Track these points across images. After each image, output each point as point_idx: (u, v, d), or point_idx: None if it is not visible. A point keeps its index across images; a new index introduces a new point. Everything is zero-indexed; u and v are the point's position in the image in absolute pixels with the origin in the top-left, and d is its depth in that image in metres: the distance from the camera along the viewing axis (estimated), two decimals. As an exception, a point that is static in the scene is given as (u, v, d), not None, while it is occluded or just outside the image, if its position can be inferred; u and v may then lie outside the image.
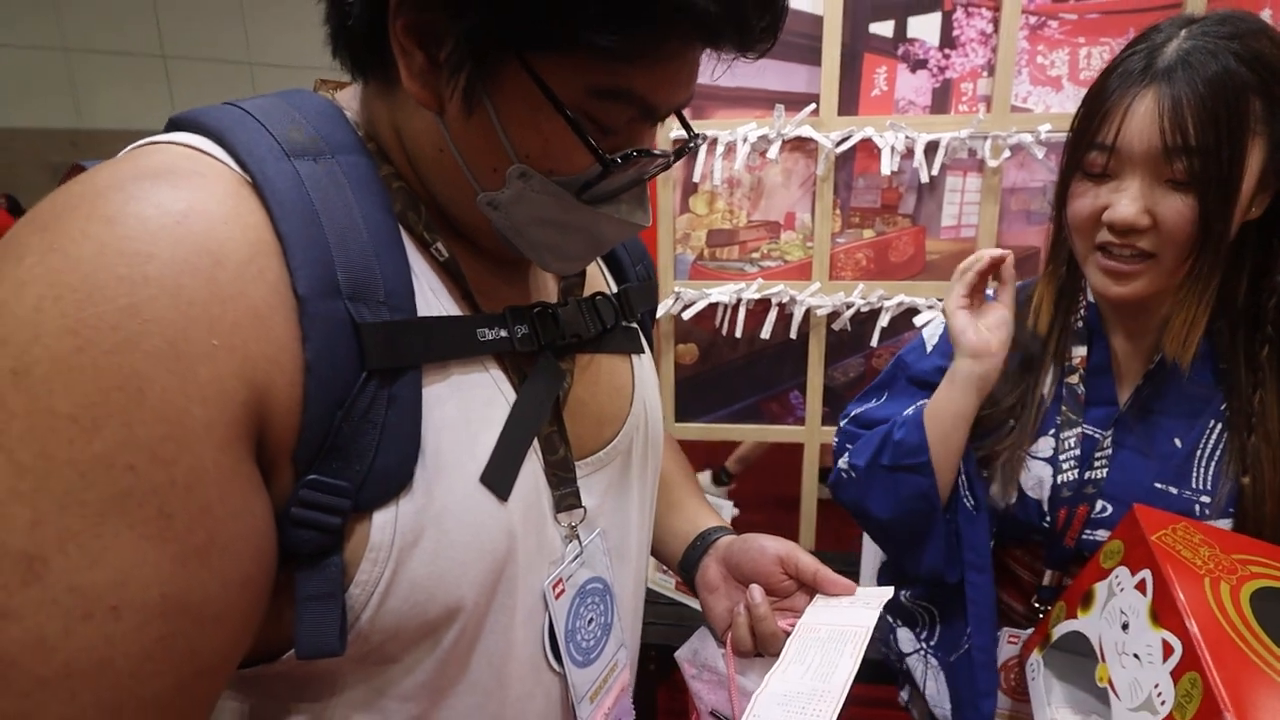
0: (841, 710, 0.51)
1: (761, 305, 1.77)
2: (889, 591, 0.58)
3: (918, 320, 1.72)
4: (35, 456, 0.31)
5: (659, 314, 1.78)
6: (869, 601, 0.57)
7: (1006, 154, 1.60)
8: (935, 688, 0.87)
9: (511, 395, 0.48)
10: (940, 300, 1.70)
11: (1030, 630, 0.79)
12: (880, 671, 1.05)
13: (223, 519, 0.35)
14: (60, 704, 0.32)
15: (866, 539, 1.70)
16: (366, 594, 0.41)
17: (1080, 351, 0.79)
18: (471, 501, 0.44)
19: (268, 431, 0.38)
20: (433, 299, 0.46)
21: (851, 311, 1.74)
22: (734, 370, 1.85)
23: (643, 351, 0.65)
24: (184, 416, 0.34)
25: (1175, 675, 0.56)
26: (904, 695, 0.97)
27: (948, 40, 1.61)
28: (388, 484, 0.40)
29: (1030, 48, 1.58)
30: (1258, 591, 0.61)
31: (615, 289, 0.64)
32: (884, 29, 1.62)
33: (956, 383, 0.75)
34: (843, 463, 0.90)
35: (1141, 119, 0.64)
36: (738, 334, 1.78)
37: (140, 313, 0.33)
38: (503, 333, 0.48)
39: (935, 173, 1.64)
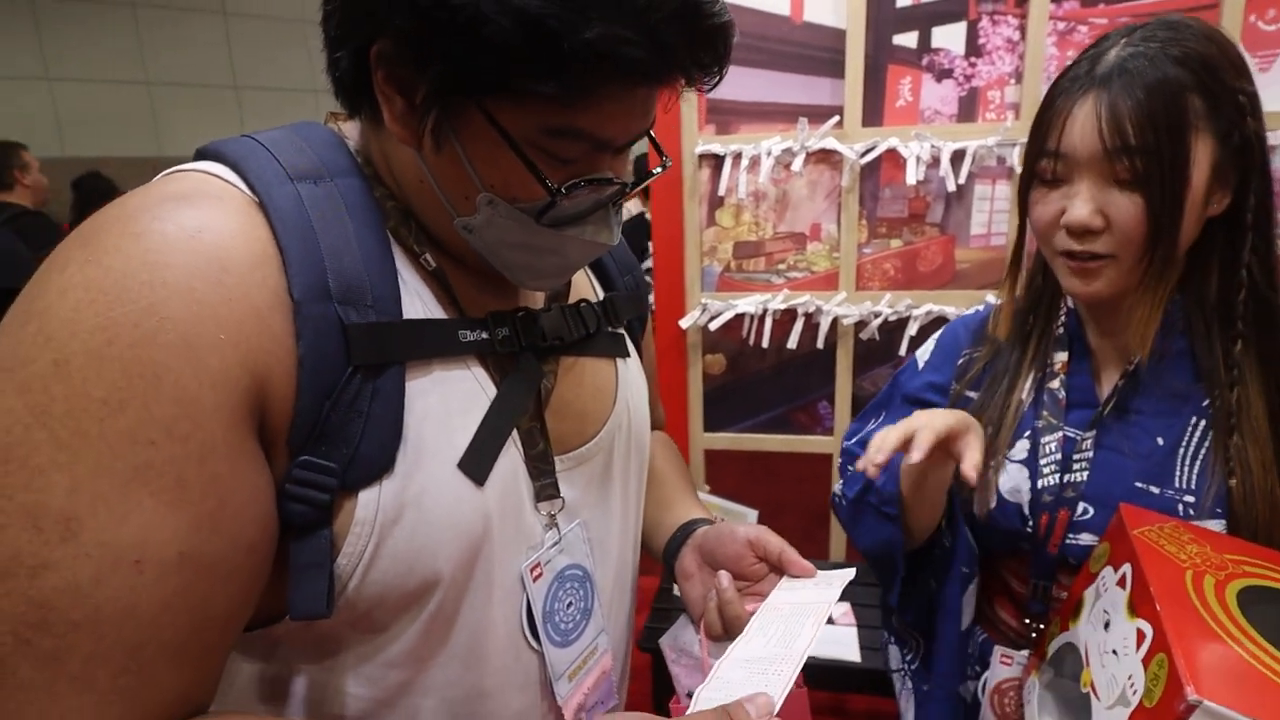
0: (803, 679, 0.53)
1: (788, 315, 1.78)
2: (850, 573, 0.60)
3: (947, 330, 1.70)
4: (72, 433, 0.37)
5: (685, 324, 1.81)
6: (831, 581, 0.59)
7: (1035, 161, 1.58)
8: (906, 709, 0.90)
9: (493, 392, 0.53)
10: (971, 308, 1.68)
11: (1025, 651, 0.78)
12: (880, 683, 1.03)
13: (231, 488, 0.41)
14: (90, 643, 0.37)
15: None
16: (352, 564, 0.46)
17: (1061, 357, 0.79)
18: (449, 485, 0.49)
19: (267, 416, 0.43)
20: (419, 304, 0.51)
21: (879, 321, 1.74)
22: (761, 380, 1.86)
23: (627, 355, 0.69)
24: (196, 399, 0.40)
25: (1145, 661, 0.55)
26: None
27: (973, 49, 1.60)
28: (371, 467, 0.46)
29: (1059, 53, 1.56)
30: (1247, 589, 0.59)
31: (602, 297, 0.68)
32: (908, 40, 1.63)
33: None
34: (837, 488, 0.92)
35: (1082, 124, 0.65)
36: (765, 344, 1.79)
37: (158, 311, 0.39)
38: (484, 334, 0.53)
39: (962, 181, 1.63)
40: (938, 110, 1.65)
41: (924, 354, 0.93)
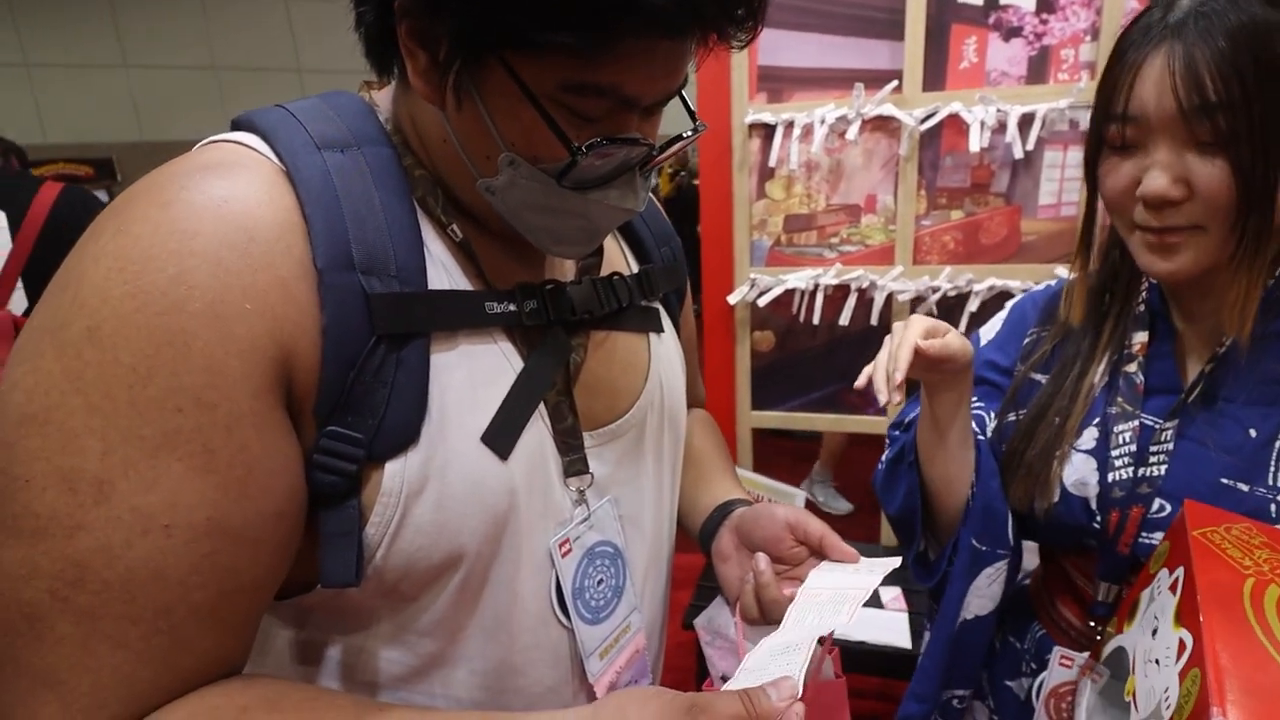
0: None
1: (841, 291, 1.72)
2: (895, 561, 0.56)
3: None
4: (103, 398, 0.38)
5: (734, 300, 1.77)
6: (873, 568, 0.56)
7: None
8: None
9: (519, 365, 0.52)
10: (1039, 283, 1.59)
11: (1087, 654, 0.72)
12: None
13: (258, 456, 0.41)
14: (122, 603, 0.38)
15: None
16: (380, 534, 0.46)
17: (1141, 337, 0.71)
18: (472, 458, 0.48)
19: (293, 386, 0.43)
20: (445, 275, 0.50)
21: (938, 296, 1.66)
22: (812, 358, 1.81)
23: (661, 330, 0.67)
24: (223, 367, 0.40)
25: (1182, 675, 0.50)
26: None
27: (1045, 4, 1.50)
28: (396, 438, 0.45)
29: (1139, 7, 1.45)
30: None
31: (637, 270, 0.66)
32: (973, -3, 1.53)
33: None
34: (882, 459, 0.88)
35: (1155, 81, 0.58)
36: (815, 321, 1.74)
37: (185, 280, 0.39)
38: (511, 307, 0.51)
39: (1031, 148, 1.54)
40: (1005, 72, 1.56)
41: (989, 330, 0.87)
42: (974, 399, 0.82)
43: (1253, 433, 0.65)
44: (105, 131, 7.25)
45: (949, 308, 1.68)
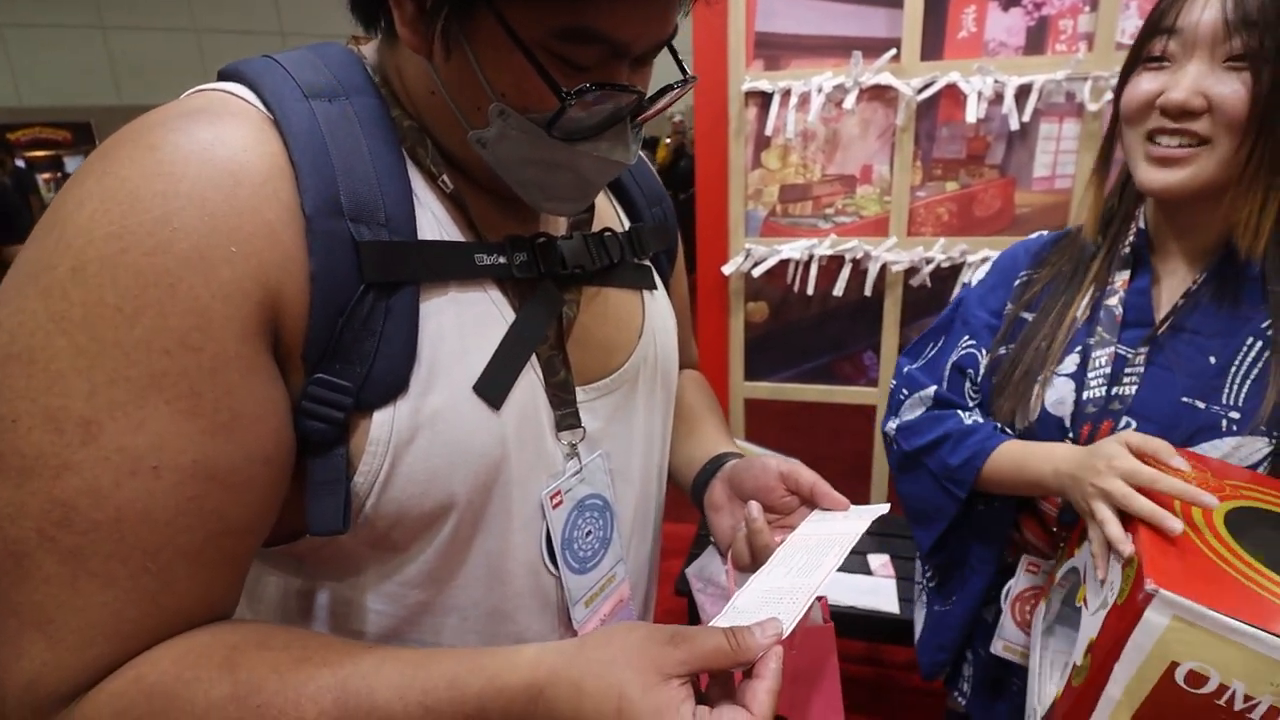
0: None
1: (835, 262, 1.73)
2: (884, 508, 0.58)
3: (1003, 278, 1.63)
4: (89, 339, 0.38)
5: (728, 271, 1.77)
6: (861, 515, 0.57)
7: (1109, 96, 1.48)
8: (918, 621, 0.96)
9: (511, 317, 0.52)
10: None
11: (1051, 561, 0.79)
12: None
13: (244, 400, 0.41)
14: (111, 544, 0.39)
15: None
16: (369, 483, 0.46)
17: (1123, 276, 0.78)
18: (464, 408, 0.48)
19: (281, 332, 0.43)
20: (435, 225, 0.50)
21: (931, 268, 1.67)
22: (806, 329, 1.82)
23: (654, 288, 0.67)
24: (208, 311, 0.40)
25: (1124, 568, 0.58)
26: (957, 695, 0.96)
27: (1045, -27, 1.49)
28: (385, 387, 0.45)
29: (1140, -23, 1.44)
30: (1239, 509, 0.61)
31: (628, 228, 0.66)
32: (973, -36, 1.52)
33: (1056, 472, 0.71)
34: (890, 426, 0.91)
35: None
36: (810, 291, 1.74)
37: (171, 222, 0.39)
38: (501, 259, 0.51)
39: (1027, 119, 1.54)
40: (1003, 42, 1.55)
41: (980, 274, 0.92)
42: (966, 338, 0.87)
43: (1212, 359, 0.72)
44: (83, 95, 7.07)
45: (941, 279, 1.69)
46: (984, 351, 0.85)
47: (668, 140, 6.17)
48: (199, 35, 7.55)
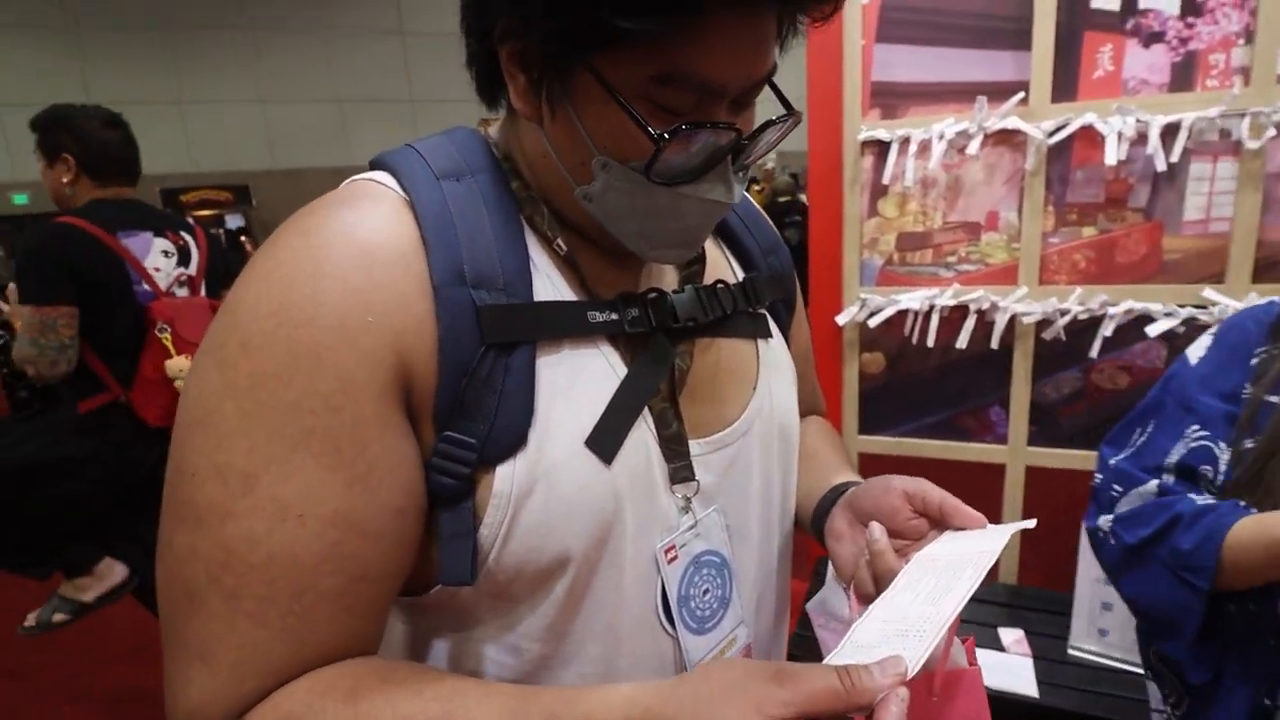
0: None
1: (958, 312, 1.65)
2: (1029, 523, 0.51)
3: (1151, 330, 1.50)
4: (252, 403, 0.43)
5: (843, 321, 1.72)
6: (999, 533, 0.50)
7: (1271, 133, 1.35)
8: None
9: (624, 372, 0.53)
10: (1183, 306, 1.47)
11: None
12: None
13: (379, 455, 0.45)
14: (263, 585, 0.43)
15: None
16: (493, 535, 0.48)
17: None
18: (577, 462, 0.50)
19: (412, 393, 0.47)
20: (550, 287, 0.53)
21: (1067, 319, 1.56)
22: (925, 381, 1.74)
23: (769, 336, 0.66)
24: (350, 374, 0.44)
25: None
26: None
27: (1190, 7, 1.39)
28: (506, 442, 0.48)
29: (1306, 4, 1.32)
30: None
31: (741, 278, 0.65)
32: (1109, 3, 1.44)
33: None
34: (1104, 521, 0.81)
35: None
36: (930, 343, 1.67)
37: (318, 298, 0.44)
38: (613, 315, 0.53)
39: (1175, 159, 1.43)
40: (1144, 80, 1.46)
41: (1198, 350, 0.81)
42: (1194, 428, 0.76)
43: None
44: (243, 160, 7.92)
45: (1078, 331, 1.57)
46: (1222, 445, 0.74)
47: (758, 188, 6.08)
48: (341, 105, 8.32)
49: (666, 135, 0.45)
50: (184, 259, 1.83)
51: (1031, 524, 0.51)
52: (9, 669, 2.41)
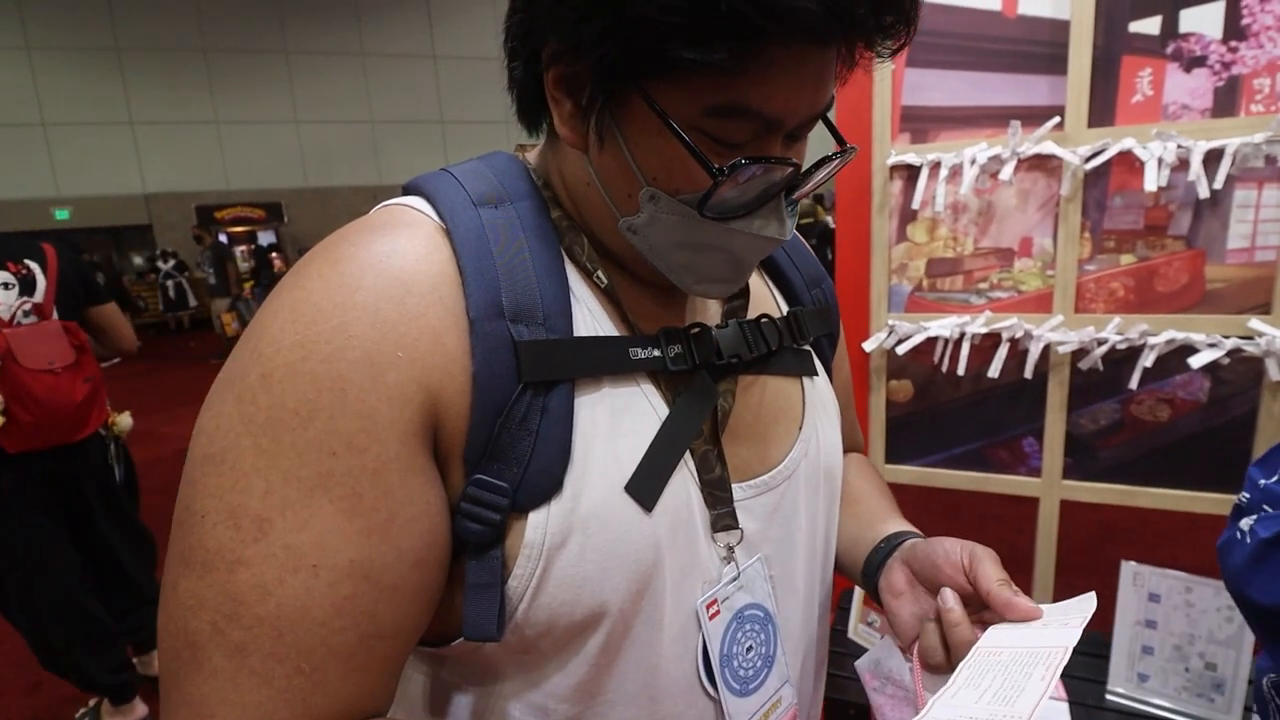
0: None
1: (990, 340, 1.60)
2: (1090, 602, 0.47)
3: (1194, 361, 1.44)
4: (270, 441, 0.40)
5: (870, 347, 1.69)
6: (1068, 620, 0.46)
7: (1322, 159, 1.31)
8: None
9: (664, 411, 0.50)
10: (1227, 337, 1.42)
11: None
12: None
13: (401, 501, 0.42)
14: (270, 641, 0.39)
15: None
16: (522, 587, 0.45)
17: None
18: (615, 509, 0.46)
19: (441, 432, 0.44)
20: (591, 321, 0.50)
21: (1104, 349, 1.51)
22: (955, 411, 1.69)
23: (815, 374, 0.63)
24: (374, 413, 0.41)
25: None
26: None
27: (1234, 31, 1.36)
28: (540, 487, 0.44)
29: (1358, 28, 1.28)
30: None
31: (786, 312, 0.63)
32: (1148, 26, 1.41)
33: None
34: (1245, 523, 0.79)
35: None
36: (960, 371, 1.62)
37: (347, 330, 0.41)
38: (655, 352, 0.50)
39: (1218, 186, 1.38)
40: (1185, 105, 1.42)
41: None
42: None
43: None
44: (277, 179, 8.09)
45: (1116, 361, 1.52)
46: None
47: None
48: (373, 126, 8.48)
49: (726, 170, 0.42)
50: (27, 288, 1.86)
51: (1093, 604, 0.48)
52: (34, 682, 2.43)
